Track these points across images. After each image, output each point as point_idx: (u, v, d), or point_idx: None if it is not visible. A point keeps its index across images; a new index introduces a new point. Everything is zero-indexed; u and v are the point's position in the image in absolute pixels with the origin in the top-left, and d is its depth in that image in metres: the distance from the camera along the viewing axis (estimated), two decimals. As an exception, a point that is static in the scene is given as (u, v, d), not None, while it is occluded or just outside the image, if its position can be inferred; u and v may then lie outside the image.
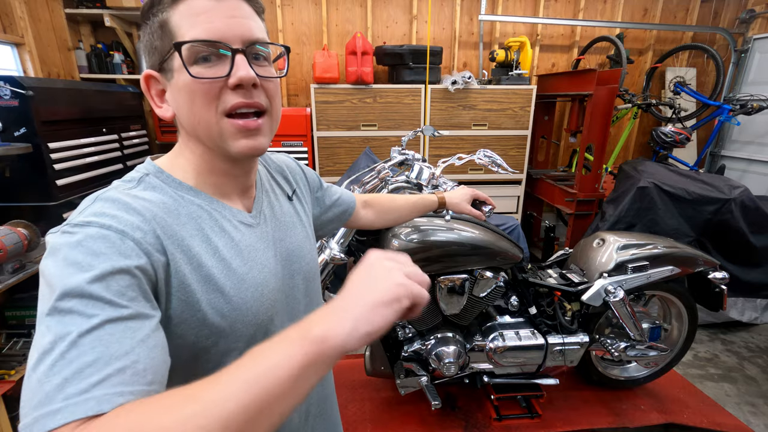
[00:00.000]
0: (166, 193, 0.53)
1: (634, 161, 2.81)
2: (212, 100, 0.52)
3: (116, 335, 0.38)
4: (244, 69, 0.51)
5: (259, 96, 0.54)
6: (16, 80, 1.82)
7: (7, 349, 1.76)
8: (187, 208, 0.54)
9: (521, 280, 1.66)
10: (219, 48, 0.51)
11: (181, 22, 0.50)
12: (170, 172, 0.56)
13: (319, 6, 3.22)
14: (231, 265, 0.54)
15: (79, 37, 2.93)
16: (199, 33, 0.50)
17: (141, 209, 0.48)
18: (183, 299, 0.49)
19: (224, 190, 0.59)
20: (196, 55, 0.51)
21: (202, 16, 0.50)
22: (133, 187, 0.52)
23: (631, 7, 3.52)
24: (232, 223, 0.58)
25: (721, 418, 1.82)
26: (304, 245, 0.70)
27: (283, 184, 0.74)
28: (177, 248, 0.49)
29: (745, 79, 3.52)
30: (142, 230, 0.46)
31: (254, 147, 0.55)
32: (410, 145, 3.05)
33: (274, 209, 0.67)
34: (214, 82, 0.51)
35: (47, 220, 1.97)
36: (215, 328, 0.51)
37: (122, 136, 2.56)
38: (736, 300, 2.54)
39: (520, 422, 1.75)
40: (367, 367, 1.69)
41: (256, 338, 0.56)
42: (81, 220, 0.44)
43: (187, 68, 0.50)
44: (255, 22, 0.54)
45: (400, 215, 1.10)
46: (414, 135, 1.71)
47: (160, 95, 0.56)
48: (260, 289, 0.57)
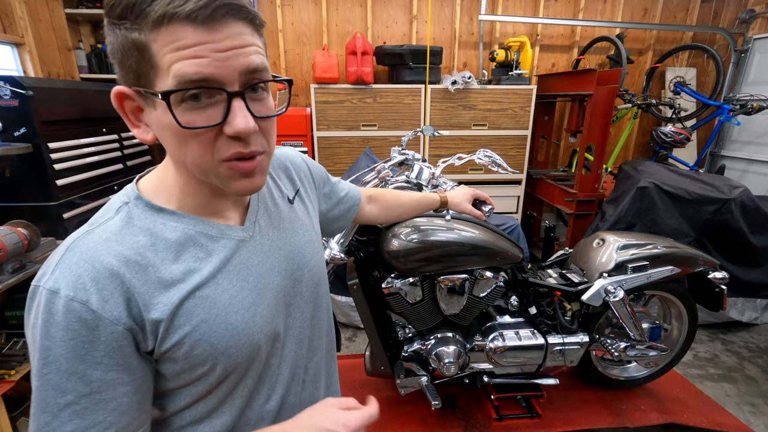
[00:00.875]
0: (142, 226, 0.51)
1: (634, 161, 2.81)
2: (207, 148, 0.47)
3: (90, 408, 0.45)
4: (243, 119, 0.45)
5: (256, 142, 0.49)
6: (16, 80, 1.82)
7: (7, 349, 1.76)
8: (166, 241, 0.51)
9: (521, 280, 1.66)
10: (210, 91, 0.45)
11: (164, 52, 0.42)
12: (152, 196, 0.53)
13: (319, 6, 3.22)
14: (215, 293, 0.52)
15: (79, 37, 2.93)
16: (187, 70, 0.42)
17: (112, 264, 0.46)
18: (172, 338, 0.49)
19: (214, 207, 0.56)
20: (183, 95, 0.44)
21: (190, 49, 0.42)
22: (109, 221, 0.50)
23: (631, 7, 3.52)
24: (219, 242, 0.55)
25: (721, 418, 1.81)
26: (307, 249, 0.66)
27: (284, 184, 0.70)
28: (154, 293, 0.48)
29: (745, 79, 3.52)
30: (110, 301, 0.45)
31: (252, 188, 0.52)
32: (410, 145, 3.05)
33: (272, 216, 0.64)
34: (207, 131, 0.46)
35: (47, 220, 1.97)
36: (208, 355, 0.51)
37: (122, 136, 2.56)
38: (736, 300, 2.54)
39: (520, 422, 1.75)
40: (367, 367, 1.69)
41: (253, 356, 0.55)
42: (52, 285, 0.45)
43: (176, 118, 0.44)
44: (255, 47, 0.47)
45: (404, 212, 1.09)
46: (414, 135, 1.71)
47: (136, 113, 0.50)
48: (251, 309, 0.55)
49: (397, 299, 1.49)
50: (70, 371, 0.44)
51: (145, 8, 0.41)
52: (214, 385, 0.54)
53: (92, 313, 0.44)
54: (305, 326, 0.66)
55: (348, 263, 1.55)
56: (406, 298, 1.49)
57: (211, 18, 0.42)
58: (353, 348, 2.46)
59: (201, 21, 0.42)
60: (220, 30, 0.43)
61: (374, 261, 1.56)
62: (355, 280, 1.49)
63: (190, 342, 0.50)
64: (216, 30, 0.43)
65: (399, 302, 1.50)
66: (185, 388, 0.53)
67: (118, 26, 0.43)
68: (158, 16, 0.41)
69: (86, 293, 0.44)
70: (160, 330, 0.48)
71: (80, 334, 0.44)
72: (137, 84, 0.46)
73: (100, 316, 0.44)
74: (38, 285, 0.46)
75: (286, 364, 0.62)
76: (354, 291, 1.50)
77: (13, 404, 1.83)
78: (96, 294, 0.44)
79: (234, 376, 0.55)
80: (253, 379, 0.57)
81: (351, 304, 2.48)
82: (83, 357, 0.44)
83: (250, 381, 0.57)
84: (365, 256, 1.55)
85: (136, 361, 0.48)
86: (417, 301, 1.50)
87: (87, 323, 0.44)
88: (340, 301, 2.50)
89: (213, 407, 0.56)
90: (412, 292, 1.48)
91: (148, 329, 0.48)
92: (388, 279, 1.47)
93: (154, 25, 0.42)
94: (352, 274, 1.51)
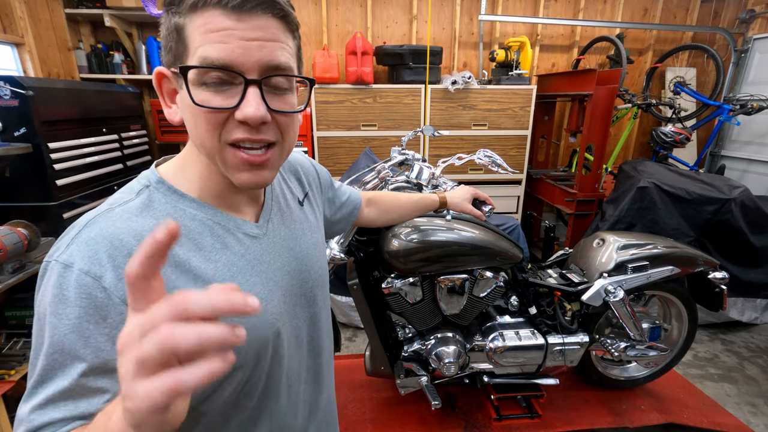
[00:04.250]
0: (163, 210, 0.51)
1: (634, 161, 2.81)
2: (215, 128, 0.48)
3: None
4: (254, 105, 0.46)
5: (267, 131, 0.49)
6: (16, 80, 1.82)
7: (7, 349, 1.76)
8: (185, 227, 0.51)
9: (521, 280, 1.66)
10: (230, 75, 0.46)
11: (195, 35, 0.45)
12: (174, 181, 0.54)
13: (319, 6, 3.22)
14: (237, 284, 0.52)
15: (79, 37, 2.93)
16: (210, 53, 0.44)
17: (131, 244, 0.45)
18: None
19: (230, 200, 0.56)
20: (204, 76, 0.46)
21: (218, 33, 0.44)
22: (130, 202, 0.50)
23: (631, 7, 3.52)
24: (236, 236, 0.55)
25: (721, 418, 1.81)
26: (314, 252, 0.67)
27: (295, 187, 0.71)
28: (171, 278, 0.47)
29: (745, 79, 3.51)
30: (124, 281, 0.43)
31: (256, 182, 0.51)
32: (410, 145, 3.05)
33: (284, 216, 0.64)
34: (219, 112, 0.47)
35: (47, 220, 1.97)
36: None
37: (122, 136, 2.56)
38: (736, 300, 2.54)
39: (520, 422, 1.75)
40: (367, 367, 1.69)
41: (261, 353, 0.55)
42: (66, 259, 0.43)
43: (190, 94, 0.46)
44: (282, 44, 0.47)
45: (402, 214, 1.09)
46: (414, 135, 1.71)
47: (172, 95, 0.52)
48: (263, 305, 0.54)
49: (397, 299, 1.49)
50: (74, 354, 0.42)
51: None
52: (220, 382, 0.52)
53: (104, 290, 0.43)
54: (309, 326, 0.66)
55: (348, 263, 1.55)
56: (406, 298, 1.49)
57: (241, 7, 0.44)
58: (353, 348, 2.46)
59: (231, 8, 0.44)
60: (248, 20, 0.45)
61: (374, 261, 1.56)
62: (355, 280, 1.49)
63: None
64: (245, 19, 0.45)
65: (399, 302, 1.50)
66: None
67: (168, 11, 0.47)
68: (193, 1, 0.44)
69: (101, 269, 0.43)
70: None
71: (88, 312, 0.42)
72: (174, 64, 0.48)
73: (111, 295, 0.43)
74: (50, 260, 0.45)
75: (291, 363, 0.62)
76: (354, 291, 1.50)
77: (13, 404, 1.83)
78: (111, 271, 0.43)
79: (240, 374, 0.53)
80: (260, 378, 0.56)
81: (351, 304, 2.47)
82: (87, 340, 0.42)
83: (256, 380, 0.56)
84: (365, 256, 1.55)
85: None
86: (417, 301, 1.51)
87: (96, 301, 0.42)
88: (340, 301, 2.50)
89: (224, 408, 0.54)
90: (412, 292, 1.48)
91: None
92: (388, 279, 1.47)
93: (191, 8, 0.45)
94: (352, 274, 1.51)
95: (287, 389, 0.62)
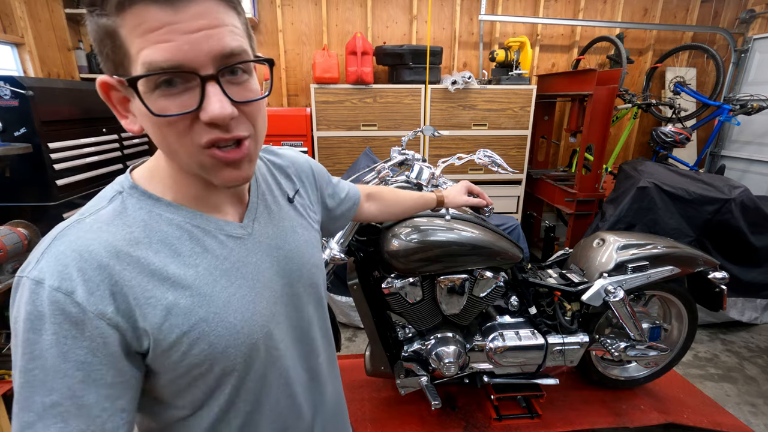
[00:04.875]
0: (137, 217, 0.48)
1: (634, 161, 2.81)
2: (183, 135, 0.44)
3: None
4: (218, 103, 0.42)
5: (238, 126, 0.46)
6: (16, 80, 1.82)
7: (7, 350, 1.76)
8: (162, 232, 0.49)
9: (521, 280, 1.66)
10: (184, 76, 0.42)
11: (132, 37, 0.40)
12: (148, 185, 0.51)
13: (319, 6, 3.22)
14: (213, 290, 0.50)
15: (79, 37, 2.93)
16: (154, 57, 0.40)
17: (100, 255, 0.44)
18: (169, 337, 0.47)
19: (209, 201, 0.54)
20: (156, 81, 0.41)
21: (157, 32, 0.39)
22: (101, 210, 0.48)
23: (631, 7, 3.52)
24: (217, 239, 0.53)
25: (721, 418, 1.82)
26: (305, 250, 0.65)
27: (284, 183, 0.69)
28: (147, 288, 0.46)
29: (745, 79, 3.51)
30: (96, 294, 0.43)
31: (240, 178, 0.49)
32: (410, 145, 3.05)
33: (272, 214, 0.62)
34: (182, 118, 0.43)
35: (47, 220, 1.97)
36: (206, 355, 0.49)
37: (122, 136, 2.56)
38: (736, 300, 2.54)
39: (520, 422, 1.75)
40: (367, 367, 1.69)
41: (252, 357, 0.54)
42: (36, 275, 0.42)
43: (147, 106, 0.42)
44: (229, 27, 0.43)
45: (403, 209, 1.09)
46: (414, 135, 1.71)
47: (124, 104, 0.47)
48: (251, 307, 0.53)
49: (397, 299, 1.49)
50: (55, 368, 0.41)
51: None
52: (213, 388, 0.52)
53: (77, 305, 0.41)
54: (305, 325, 0.65)
55: (348, 263, 1.55)
56: (406, 298, 1.49)
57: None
58: (353, 348, 2.46)
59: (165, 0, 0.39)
60: (186, 9, 0.40)
61: (374, 261, 1.56)
62: (355, 280, 1.49)
63: (188, 341, 0.47)
64: (182, 9, 0.40)
65: (399, 302, 1.50)
66: (183, 392, 0.51)
67: (91, 13, 0.41)
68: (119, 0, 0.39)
69: (71, 284, 0.41)
70: (153, 328, 0.45)
71: (64, 328, 0.41)
72: (116, 72, 0.44)
73: (85, 310, 0.41)
74: (22, 276, 0.43)
75: (287, 364, 0.61)
76: (354, 291, 1.50)
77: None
78: (82, 285, 0.42)
79: (233, 379, 0.53)
80: (256, 382, 0.56)
81: (351, 304, 2.48)
82: (66, 354, 0.41)
83: (252, 384, 0.55)
84: (365, 256, 1.55)
85: (122, 362, 0.44)
86: (417, 301, 1.51)
87: (71, 317, 0.41)
88: (340, 301, 2.50)
89: (218, 415, 0.54)
90: (412, 292, 1.48)
91: (140, 327, 0.45)
92: (388, 279, 1.47)
93: (118, 8, 0.39)
94: (352, 274, 1.51)
95: (286, 390, 0.61)
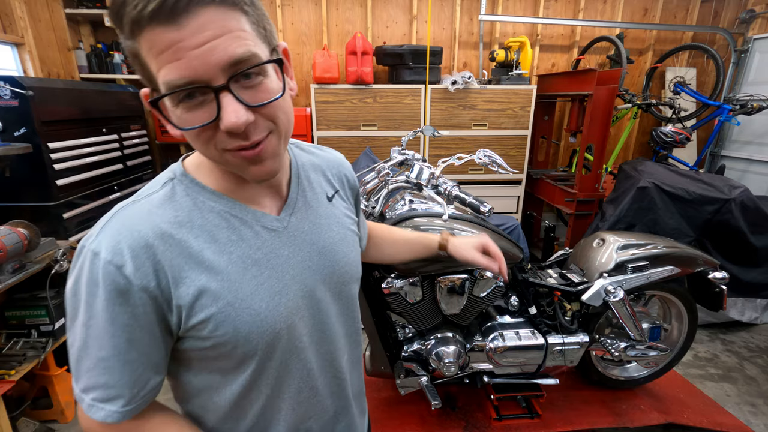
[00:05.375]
0: (183, 203, 0.53)
1: (634, 161, 2.81)
2: (208, 142, 0.48)
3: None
4: (233, 114, 0.44)
5: (256, 130, 0.48)
6: (16, 80, 1.82)
7: (7, 350, 1.76)
8: (203, 218, 0.53)
9: (521, 280, 1.66)
10: (199, 90, 0.44)
11: (149, 59, 0.43)
12: (196, 174, 0.56)
13: (319, 6, 3.22)
14: (243, 278, 0.54)
15: (79, 37, 2.93)
16: (170, 77, 0.43)
17: (148, 236, 0.49)
18: (198, 315, 0.51)
19: (248, 193, 0.57)
20: (178, 97, 0.45)
21: (167, 53, 0.42)
22: (154, 194, 0.53)
23: (631, 7, 3.52)
24: (253, 229, 0.56)
25: (721, 418, 1.82)
26: (340, 247, 0.65)
27: (324, 183, 0.69)
28: (183, 268, 0.51)
29: (745, 79, 3.52)
30: (141, 270, 0.49)
31: (265, 173, 0.52)
32: (410, 145, 3.05)
33: (310, 209, 0.63)
34: (203, 129, 0.46)
35: (47, 220, 1.97)
36: (230, 337, 0.53)
37: (122, 136, 2.56)
38: (736, 300, 2.54)
39: (520, 422, 1.75)
40: (367, 367, 1.69)
41: (274, 345, 0.56)
42: (95, 247, 0.48)
43: (170, 121, 0.47)
44: (234, 33, 0.44)
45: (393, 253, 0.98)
46: (414, 135, 1.71)
47: (166, 111, 0.50)
48: (276, 298, 0.56)
49: (397, 299, 1.49)
50: (105, 329, 0.48)
51: (122, 17, 0.42)
52: (236, 367, 0.56)
53: (125, 278, 0.47)
54: (336, 321, 0.65)
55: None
56: (406, 298, 1.49)
57: (173, 12, 0.40)
58: (353, 348, 2.46)
59: (166, 18, 0.40)
60: (187, 23, 0.41)
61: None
62: (355, 280, 1.49)
63: (214, 322, 0.51)
64: (183, 24, 0.41)
65: (399, 302, 1.50)
66: (209, 365, 0.56)
67: (119, 35, 0.45)
68: (130, 23, 0.41)
69: (122, 258, 0.48)
70: (185, 306, 0.51)
71: (113, 296, 0.47)
72: (149, 86, 0.48)
73: (131, 282, 0.48)
74: (84, 246, 0.49)
75: (311, 356, 0.62)
76: (354, 291, 1.50)
77: (13, 404, 1.83)
78: (130, 261, 0.48)
79: (254, 363, 0.56)
80: (277, 369, 0.58)
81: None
82: (114, 318, 0.48)
83: (273, 371, 0.58)
84: (365, 256, 1.55)
85: (158, 329, 0.51)
86: (417, 301, 1.50)
87: (119, 287, 0.47)
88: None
89: (240, 393, 0.58)
90: (412, 292, 1.48)
91: (173, 303, 0.50)
92: (388, 279, 1.47)
93: (132, 33, 0.42)
94: (352, 274, 1.51)
95: (308, 382, 0.62)
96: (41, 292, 1.82)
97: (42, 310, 1.83)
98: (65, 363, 1.97)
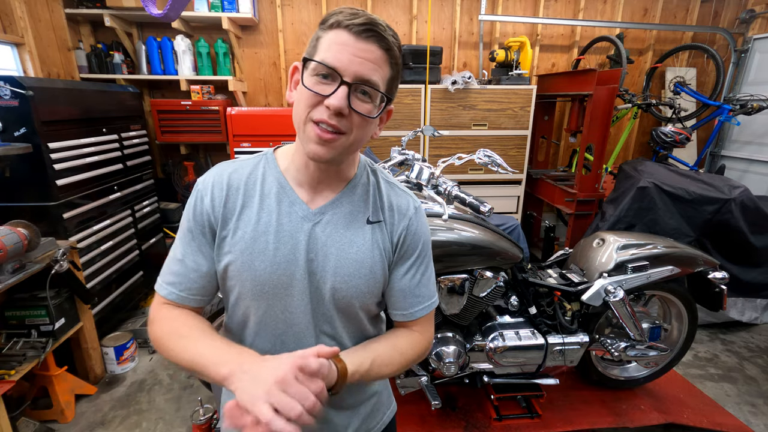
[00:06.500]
0: (257, 172, 0.74)
1: (634, 161, 2.81)
2: (309, 107, 0.64)
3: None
4: (338, 99, 0.61)
5: (341, 122, 0.64)
6: (16, 80, 1.82)
7: (7, 349, 1.76)
8: (260, 187, 0.73)
9: (521, 280, 1.66)
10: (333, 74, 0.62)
11: (324, 43, 0.64)
12: (278, 156, 0.77)
13: (319, 6, 3.22)
14: (261, 246, 0.70)
15: (79, 37, 2.93)
16: (326, 57, 0.62)
17: (230, 179, 0.73)
18: (224, 252, 0.71)
19: (299, 179, 0.74)
20: (317, 70, 0.63)
21: (338, 46, 0.62)
22: (247, 160, 0.76)
23: (631, 7, 3.52)
24: (287, 210, 0.72)
25: (721, 418, 1.82)
26: (349, 266, 0.71)
27: (371, 209, 0.75)
28: (229, 217, 0.71)
29: (745, 79, 3.52)
30: (213, 201, 0.72)
31: (319, 154, 0.65)
32: (410, 145, 3.05)
33: (344, 219, 0.73)
34: (316, 95, 0.63)
35: (47, 220, 1.97)
36: (234, 276, 0.71)
37: (122, 136, 2.55)
38: (736, 300, 2.54)
39: (520, 422, 1.75)
40: (367, 367, 1.69)
41: (257, 296, 0.71)
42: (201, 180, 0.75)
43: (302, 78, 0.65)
44: (378, 67, 0.64)
45: None
46: (414, 135, 1.71)
47: (295, 84, 0.70)
48: (276, 267, 0.70)
49: (397, 299, 1.49)
50: (183, 233, 0.73)
51: (329, 19, 0.64)
52: (237, 298, 0.73)
53: (203, 201, 0.72)
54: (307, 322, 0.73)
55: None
56: (406, 298, 1.48)
57: (360, 33, 0.62)
58: (353, 348, 2.45)
59: (355, 33, 0.62)
60: (362, 43, 0.62)
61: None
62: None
63: (230, 263, 0.71)
64: (361, 41, 0.62)
65: (399, 302, 1.49)
66: (225, 287, 0.74)
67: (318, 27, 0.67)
68: (332, 22, 0.64)
69: (206, 190, 0.73)
70: (219, 240, 0.72)
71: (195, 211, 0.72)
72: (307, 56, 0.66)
73: (205, 205, 0.72)
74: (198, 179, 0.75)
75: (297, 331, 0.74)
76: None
77: (13, 404, 1.83)
78: (210, 192, 0.72)
79: (246, 300, 0.72)
80: (260, 309, 0.73)
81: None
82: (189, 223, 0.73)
83: (257, 309, 0.73)
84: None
85: (206, 243, 0.73)
86: (417, 301, 1.50)
87: (198, 206, 0.72)
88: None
89: (243, 314, 0.75)
90: (412, 292, 1.48)
91: (217, 232, 0.72)
92: (388, 279, 1.47)
93: (329, 27, 0.64)
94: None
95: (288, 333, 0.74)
96: (41, 292, 1.82)
97: (42, 310, 1.83)
98: (65, 363, 1.97)
